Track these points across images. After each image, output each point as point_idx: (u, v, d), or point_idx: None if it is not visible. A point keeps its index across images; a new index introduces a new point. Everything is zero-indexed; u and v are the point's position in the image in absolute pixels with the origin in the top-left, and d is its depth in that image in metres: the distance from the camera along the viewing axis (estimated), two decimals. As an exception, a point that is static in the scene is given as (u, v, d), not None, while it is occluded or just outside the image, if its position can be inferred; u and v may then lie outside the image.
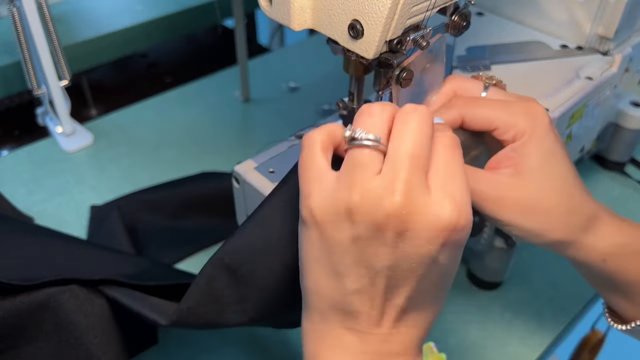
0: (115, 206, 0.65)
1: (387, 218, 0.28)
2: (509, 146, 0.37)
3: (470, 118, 0.38)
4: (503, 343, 0.56)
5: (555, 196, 0.37)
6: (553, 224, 0.38)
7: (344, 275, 0.30)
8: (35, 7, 0.67)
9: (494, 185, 0.37)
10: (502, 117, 0.37)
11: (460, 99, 0.39)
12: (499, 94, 0.40)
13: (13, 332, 0.46)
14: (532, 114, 0.37)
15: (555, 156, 0.37)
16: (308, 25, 0.38)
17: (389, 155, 0.30)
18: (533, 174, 0.37)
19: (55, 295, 0.47)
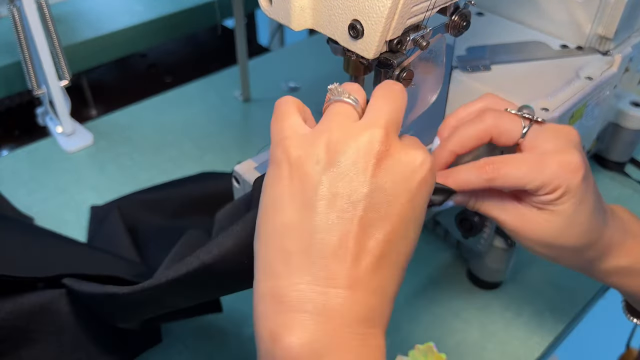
0: (115, 206, 0.65)
1: (371, 147, 0.29)
2: (539, 198, 0.37)
3: (500, 182, 0.37)
4: (503, 343, 0.56)
5: (576, 238, 0.38)
6: (568, 256, 0.39)
7: (316, 210, 0.29)
8: (36, 7, 0.67)
9: (516, 218, 0.38)
10: (534, 182, 0.36)
11: (489, 163, 0.37)
12: (539, 134, 0.37)
13: (14, 334, 0.46)
14: (567, 172, 0.36)
15: (583, 204, 0.37)
16: (308, 25, 0.38)
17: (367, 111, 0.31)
18: (558, 219, 0.37)
19: (56, 297, 0.47)
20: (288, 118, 0.33)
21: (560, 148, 0.37)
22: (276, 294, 0.29)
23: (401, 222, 0.30)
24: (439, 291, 0.60)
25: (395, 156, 0.30)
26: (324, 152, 0.30)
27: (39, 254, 0.51)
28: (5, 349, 0.46)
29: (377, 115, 0.31)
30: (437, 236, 0.65)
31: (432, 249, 0.64)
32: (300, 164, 0.30)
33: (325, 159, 0.29)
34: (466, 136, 0.38)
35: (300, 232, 0.29)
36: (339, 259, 0.29)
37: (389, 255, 0.30)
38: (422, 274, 0.61)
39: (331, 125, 0.31)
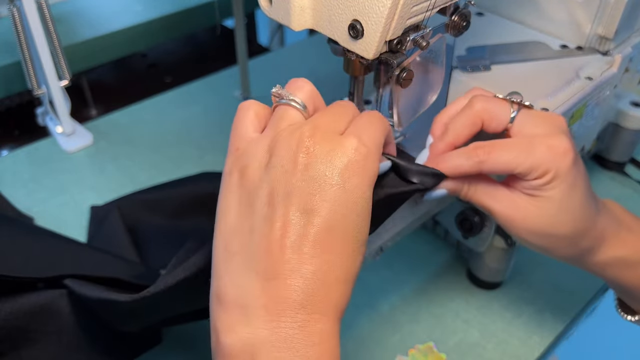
0: (115, 206, 0.65)
1: (299, 143, 0.30)
2: (529, 183, 0.37)
3: (490, 167, 0.37)
4: (503, 343, 0.56)
5: (567, 226, 0.38)
6: (560, 246, 0.39)
7: (256, 207, 0.31)
8: (36, 7, 0.67)
9: (508, 206, 0.38)
10: (523, 164, 0.36)
11: (478, 147, 0.37)
12: (527, 118, 0.38)
13: (14, 334, 0.46)
14: (556, 154, 0.36)
15: (574, 190, 0.37)
16: (308, 25, 0.38)
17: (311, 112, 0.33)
18: (549, 206, 0.37)
19: (57, 297, 0.47)
20: (241, 126, 0.35)
21: (549, 133, 0.37)
22: (219, 293, 0.31)
23: (334, 206, 0.30)
24: (439, 291, 0.60)
25: (322, 146, 0.31)
26: (265, 156, 0.32)
27: (39, 254, 0.51)
28: (5, 349, 0.46)
29: (314, 117, 0.32)
30: (437, 236, 0.65)
31: (432, 249, 0.64)
32: (247, 171, 0.32)
33: (264, 161, 0.31)
34: (459, 125, 0.39)
35: (241, 232, 0.31)
36: (274, 251, 0.30)
37: (326, 239, 0.30)
38: (422, 274, 0.61)
39: (274, 131, 0.32)
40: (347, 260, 0.31)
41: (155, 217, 0.66)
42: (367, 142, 0.31)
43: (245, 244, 0.31)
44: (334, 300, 0.30)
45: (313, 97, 0.34)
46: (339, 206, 0.30)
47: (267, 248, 0.30)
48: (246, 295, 0.30)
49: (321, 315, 0.30)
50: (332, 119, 0.33)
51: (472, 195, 0.39)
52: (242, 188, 0.32)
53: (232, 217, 0.32)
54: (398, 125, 0.42)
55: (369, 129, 0.32)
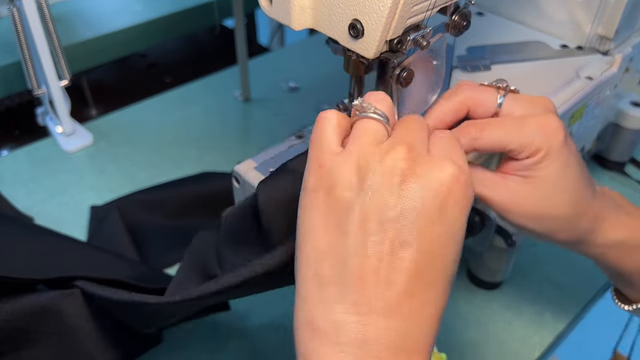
0: (115, 206, 0.65)
1: (394, 166, 0.29)
2: (522, 162, 0.37)
3: (482, 144, 0.37)
4: (503, 343, 0.56)
5: (563, 207, 0.38)
6: (559, 228, 0.39)
7: (348, 233, 0.29)
8: (36, 7, 0.67)
9: (503, 192, 0.38)
10: (515, 140, 0.36)
11: (470, 125, 0.37)
12: (515, 102, 0.38)
13: (15, 335, 0.46)
14: (547, 132, 0.36)
15: (567, 168, 0.37)
16: (308, 25, 0.38)
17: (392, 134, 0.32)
18: (543, 186, 0.37)
19: (57, 298, 0.47)
20: (324, 139, 0.32)
21: (538, 113, 0.37)
22: (310, 320, 0.30)
23: (433, 240, 0.29)
24: (439, 291, 0.60)
25: (420, 172, 0.29)
26: (354, 177, 0.30)
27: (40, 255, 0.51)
28: (6, 349, 0.46)
29: (401, 134, 0.31)
30: (437, 236, 0.65)
31: (432, 249, 0.64)
32: (334, 191, 0.30)
33: (356, 183, 0.30)
34: (443, 110, 0.39)
35: (333, 257, 0.30)
36: (371, 283, 0.29)
37: (423, 275, 0.29)
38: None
39: (359, 147, 0.31)
40: (443, 296, 0.31)
41: (155, 217, 0.66)
42: (463, 166, 0.31)
43: (338, 271, 0.29)
44: (427, 340, 0.30)
45: (393, 112, 0.33)
46: (438, 241, 0.30)
47: (362, 280, 0.29)
48: (342, 330, 0.28)
49: (416, 355, 0.29)
50: (419, 135, 0.31)
51: None
52: (331, 209, 0.30)
53: (320, 239, 0.30)
54: (398, 125, 0.42)
55: (455, 149, 0.32)
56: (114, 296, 0.45)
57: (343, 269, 0.29)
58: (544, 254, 0.64)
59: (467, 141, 0.37)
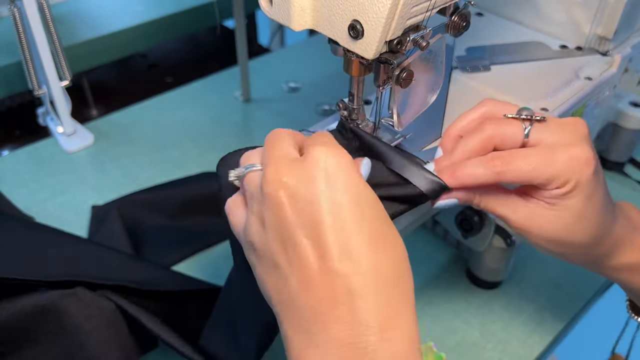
0: (115, 206, 0.65)
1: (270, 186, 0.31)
2: (548, 192, 0.36)
3: (510, 177, 0.36)
4: (503, 343, 0.56)
5: (585, 234, 0.37)
6: (575, 252, 0.39)
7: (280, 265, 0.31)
8: (36, 7, 0.67)
9: (524, 215, 0.37)
10: (543, 175, 0.35)
11: (496, 158, 0.36)
12: (543, 131, 0.36)
13: (15, 335, 0.46)
14: (577, 166, 0.35)
15: (593, 199, 0.36)
16: (308, 25, 0.38)
17: None
18: (567, 215, 0.36)
19: (57, 298, 0.47)
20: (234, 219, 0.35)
21: (570, 141, 0.36)
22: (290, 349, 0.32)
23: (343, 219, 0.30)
24: (439, 291, 0.60)
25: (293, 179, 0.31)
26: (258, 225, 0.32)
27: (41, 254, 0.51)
28: (7, 349, 0.46)
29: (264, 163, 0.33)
30: (436, 236, 0.65)
31: (432, 248, 0.64)
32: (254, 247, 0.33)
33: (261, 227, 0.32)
34: (469, 149, 0.37)
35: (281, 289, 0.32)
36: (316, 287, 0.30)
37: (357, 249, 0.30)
38: (421, 274, 0.62)
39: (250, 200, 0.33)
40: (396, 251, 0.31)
41: (156, 217, 0.66)
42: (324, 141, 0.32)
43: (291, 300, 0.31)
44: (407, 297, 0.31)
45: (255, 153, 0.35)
46: (346, 211, 0.30)
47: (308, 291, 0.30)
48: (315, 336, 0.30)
49: None
50: (280, 147, 0.33)
51: (485, 204, 0.38)
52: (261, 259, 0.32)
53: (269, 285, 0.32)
54: (398, 126, 0.42)
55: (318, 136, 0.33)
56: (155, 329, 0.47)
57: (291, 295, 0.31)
58: (544, 254, 0.64)
59: (491, 175, 0.36)
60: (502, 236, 0.55)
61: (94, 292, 0.48)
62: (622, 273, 0.41)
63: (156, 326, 0.47)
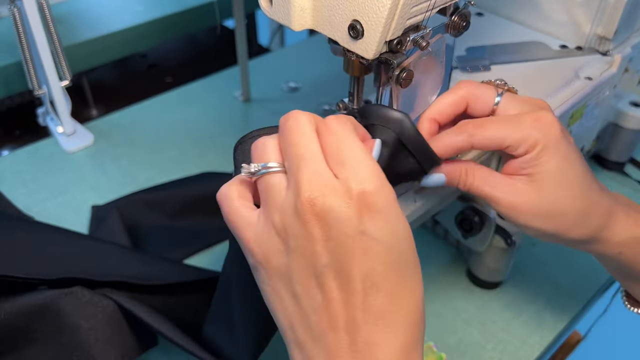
0: (115, 206, 0.65)
1: (304, 216, 0.29)
2: (522, 158, 0.37)
3: (480, 140, 0.38)
4: (503, 343, 0.56)
5: (571, 201, 0.38)
6: (569, 226, 0.39)
7: (299, 295, 0.30)
8: (36, 7, 0.67)
9: (509, 191, 0.38)
10: (512, 136, 0.37)
11: (468, 123, 0.38)
12: (511, 101, 0.39)
13: (14, 334, 0.46)
14: (542, 126, 0.37)
15: (568, 162, 0.37)
16: (308, 25, 0.38)
17: (287, 168, 0.31)
18: (547, 182, 0.37)
19: (56, 297, 0.47)
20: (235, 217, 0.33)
21: (533, 110, 0.38)
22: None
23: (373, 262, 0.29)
24: (439, 291, 0.60)
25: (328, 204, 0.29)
26: (278, 242, 0.30)
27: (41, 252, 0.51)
28: (6, 349, 0.46)
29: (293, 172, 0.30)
30: (437, 236, 0.65)
31: (432, 249, 0.64)
32: (269, 263, 0.31)
33: (282, 246, 0.30)
34: (443, 103, 0.40)
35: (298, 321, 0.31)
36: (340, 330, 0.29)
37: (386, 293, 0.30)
38: (421, 274, 0.61)
39: (270, 210, 0.31)
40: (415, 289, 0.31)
41: (156, 217, 0.66)
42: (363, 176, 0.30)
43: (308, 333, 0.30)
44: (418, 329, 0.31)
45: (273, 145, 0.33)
46: (378, 260, 0.30)
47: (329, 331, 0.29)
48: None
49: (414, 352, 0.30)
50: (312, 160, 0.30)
51: (470, 184, 0.39)
52: (275, 279, 0.31)
53: (282, 309, 0.31)
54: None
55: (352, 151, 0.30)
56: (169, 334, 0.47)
57: (310, 329, 0.30)
58: (544, 254, 0.64)
59: (464, 138, 0.38)
60: (502, 236, 0.55)
61: (93, 291, 0.48)
62: (625, 250, 0.41)
63: (157, 322, 0.47)
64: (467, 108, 0.40)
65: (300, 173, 0.30)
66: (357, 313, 0.29)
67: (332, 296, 0.29)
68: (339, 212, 0.29)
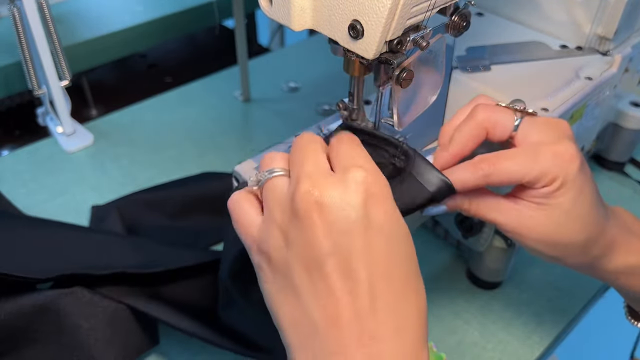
0: (115, 206, 0.65)
1: (303, 204, 0.29)
2: (537, 191, 0.36)
3: (497, 179, 0.36)
4: (503, 343, 0.56)
5: (576, 233, 0.37)
6: (570, 254, 0.39)
7: (301, 289, 0.30)
8: (36, 7, 0.67)
9: (515, 217, 0.38)
10: (530, 173, 0.36)
11: (483, 161, 0.37)
12: (532, 125, 0.38)
13: (15, 334, 0.46)
14: (562, 162, 0.36)
15: (582, 196, 0.37)
16: (308, 25, 0.38)
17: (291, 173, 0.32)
18: (558, 214, 0.37)
19: (56, 297, 0.47)
20: (243, 217, 0.33)
21: (554, 139, 0.37)
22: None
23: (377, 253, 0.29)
24: (439, 291, 0.60)
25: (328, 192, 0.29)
26: (279, 237, 0.30)
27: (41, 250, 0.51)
28: (6, 349, 0.46)
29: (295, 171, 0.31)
30: (437, 236, 0.65)
31: (432, 248, 0.64)
32: (270, 259, 0.31)
33: (283, 241, 0.30)
34: (464, 136, 0.38)
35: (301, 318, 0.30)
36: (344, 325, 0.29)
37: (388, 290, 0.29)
38: (422, 274, 0.61)
39: (271, 208, 0.31)
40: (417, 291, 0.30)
41: (156, 217, 0.66)
42: (364, 165, 0.30)
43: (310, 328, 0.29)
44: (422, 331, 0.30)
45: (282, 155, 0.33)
46: (380, 249, 0.29)
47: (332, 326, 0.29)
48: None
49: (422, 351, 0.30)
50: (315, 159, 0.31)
51: (475, 210, 0.39)
52: (277, 276, 0.31)
53: (284, 308, 0.31)
54: (398, 126, 0.42)
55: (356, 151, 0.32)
56: None
57: (313, 325, 0.29)
58: (544, 254, 0.64)
59: (479, 177, 0.36)
60: (503, 236, 0.55)
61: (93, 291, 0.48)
62: (620, 277, 0.41)
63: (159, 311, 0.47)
64: (487, 134, 0.39)
65: (302, 167, 0.30)
66: (363, 303, 0.28)
67: (335, 286, 0.28)
68: (341, 199, 0.29)
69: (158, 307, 0.49)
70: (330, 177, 0.30)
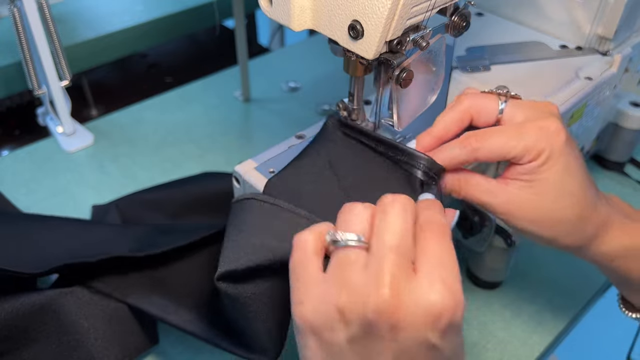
0: (115, 206, 0.65)
1: (378, 314, 0.28)
2: (524, 166, 0.37)
3: (484, 154, 0.37)
4: (503, 343, 0.56)
5: (568, 210, 0.38)
6: (563, 233, 0.39)
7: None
8: (36, 7, 0.67)
9: (505, 197, 0.38)
10: (517, 147, 0.36)
11: (471, 136, 0.37)
12: (516, 108, 0.38)
13: (14, 334, 0.46)
14: (547, 135, 0.36)
15: (569, 171, 0.37)
16: (308, 25, 0.38)
17: (371, 250, 0.30)
18: (546, 189, 0.37)
19: (56, 297, 0.47)
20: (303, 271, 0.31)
21: (539, 116, 0.37)
22: None
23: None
24: (439, 291, 0.60)
25: (407, 311, 0.28)
26: (338, 319, 0.29)
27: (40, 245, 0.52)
28: (6, 348, 0.46)
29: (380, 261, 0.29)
30: (437, 236, 0.65)
31: (432, 248, 0.64)
32: (321, 334, 0.29)
33: (342, 327, 0.29)
34: (447, 120, 0.39)
35: None
36: None
37: None
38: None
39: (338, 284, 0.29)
40: None
41: (156, 217, 0.66)
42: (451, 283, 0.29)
43: None
44: None
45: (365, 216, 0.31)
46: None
47: None
48: None
49: None
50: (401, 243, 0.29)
51: (465, 192, 0.39)
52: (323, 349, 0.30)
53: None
54: (398, 126, 0.42)
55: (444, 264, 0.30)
56: None
57: None
58: (544, 254, 0.64)
59: (468, 152, 0.37)
60: (502, 236, 0.55)
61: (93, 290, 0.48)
62: (616, 260, 0.40)
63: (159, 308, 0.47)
64: (472, 120, 0.40)
65: (385, 265, 0.28)
66: None
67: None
68: (414, 321, 0.28)
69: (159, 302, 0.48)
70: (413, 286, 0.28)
